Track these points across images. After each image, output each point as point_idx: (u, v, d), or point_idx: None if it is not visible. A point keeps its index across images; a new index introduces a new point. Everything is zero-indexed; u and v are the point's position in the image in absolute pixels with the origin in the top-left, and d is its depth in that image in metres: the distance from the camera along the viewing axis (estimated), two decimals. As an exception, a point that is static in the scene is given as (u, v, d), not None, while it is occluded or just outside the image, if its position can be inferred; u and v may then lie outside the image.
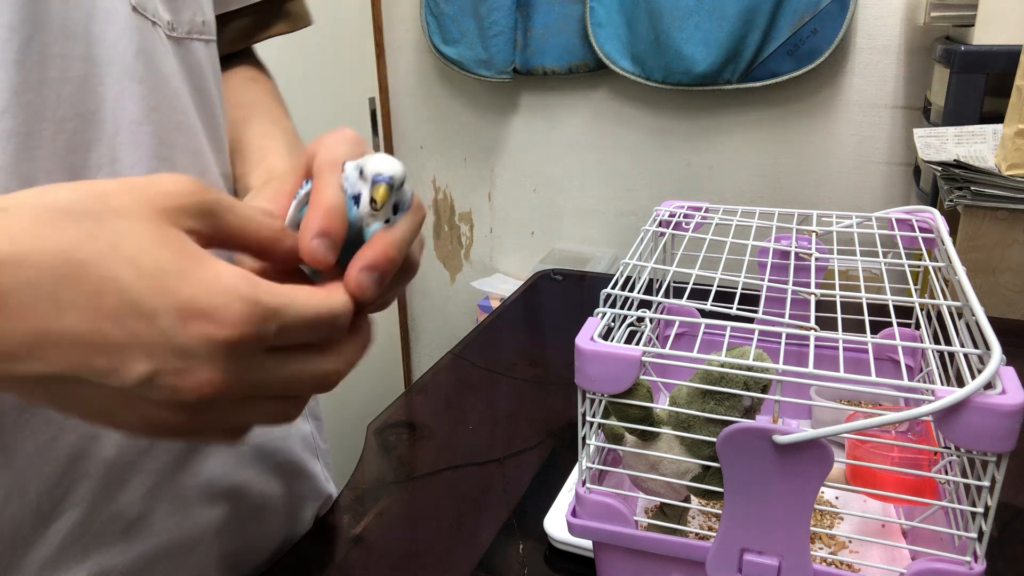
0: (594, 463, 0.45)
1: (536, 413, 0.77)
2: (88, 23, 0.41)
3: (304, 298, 0.31)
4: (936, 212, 0.56)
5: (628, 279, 0.47)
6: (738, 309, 0.44)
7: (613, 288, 0.45)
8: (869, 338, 0.41)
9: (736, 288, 0.47)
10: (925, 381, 0.52)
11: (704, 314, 0.51)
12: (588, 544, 0.52)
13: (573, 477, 0.63)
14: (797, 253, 0.56)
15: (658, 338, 0.63)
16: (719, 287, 0.46)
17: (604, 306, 0.45)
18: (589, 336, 0.42)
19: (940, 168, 1.09)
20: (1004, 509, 0.59)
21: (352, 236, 0.34)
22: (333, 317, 0.32)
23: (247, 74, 0.62)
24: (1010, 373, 0.36)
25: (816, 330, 0.42)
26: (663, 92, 1.75)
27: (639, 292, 0.47)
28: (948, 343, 0.42)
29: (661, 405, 0.43)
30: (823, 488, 0.42)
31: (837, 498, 0.55)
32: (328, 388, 0.34)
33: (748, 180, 1.77)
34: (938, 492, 0.46)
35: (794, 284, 0.49)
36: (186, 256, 0.28)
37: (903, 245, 0.55)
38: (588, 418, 0.43)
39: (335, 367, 0.33)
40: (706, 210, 0.61)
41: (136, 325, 0.27)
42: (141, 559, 0.49)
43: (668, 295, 0.57)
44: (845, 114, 1.65)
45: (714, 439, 0.39)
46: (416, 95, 2.03)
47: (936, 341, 0.47)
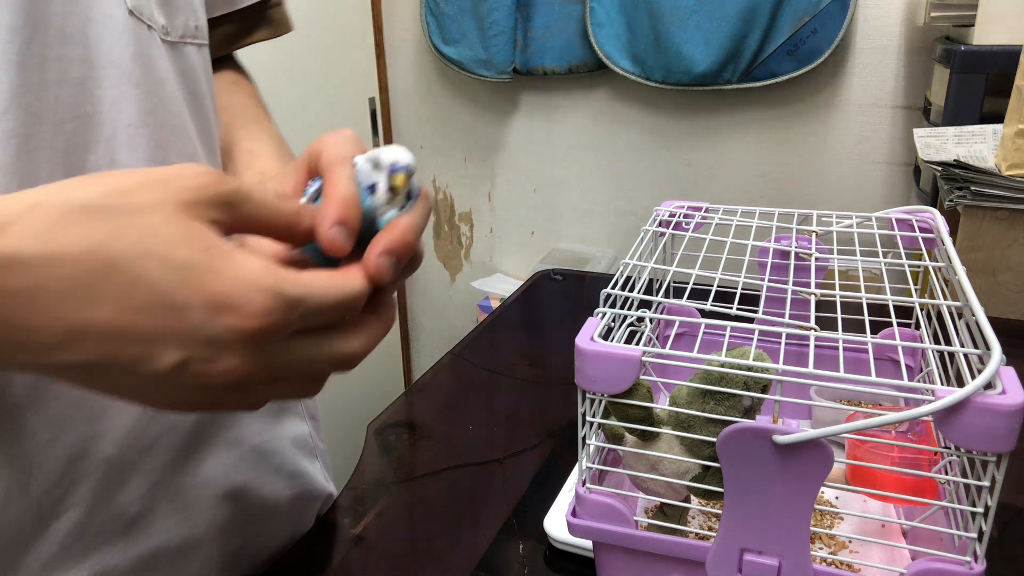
0: (594, 463, 0.45)
1: (536, 413, 0.77)
2: (86, 26, 0.41)
3: (324, 284, 0.32)
4: (936, 212, 0.56)
5: (628, 279, 0.47)
6: (738, 309, 0.44)
7: (613, 288, 0.45)
8: (869, 338, 0.41)
9: (736, 288, 0.47)
10: (925, 381, 0.52)
11: (704, 314, 0.51)
12: (588, 544, 0.52)
13: (573, 477, 0.63)
14: (797, 253, 0.56)
15: (658, 338, 0.63)
16: (719, 287, 0.46)
17: (604, 306, 0.45)
18: (589, 336, 0.42)
19: (940, 168, 1.09)
20: (1004, 509, 0.59)
21: (365, 225, 0.36)
22: (352, 300, 0.33)
23: (230, 78, 0.63)
24: (1010, 373, 0.36)
25: (816, 330, 0.42)
26: (663, 92, 1.75)
27: (639, 292, 0.47)
28: (948, 343, 0.41)
29: (661, 405, 0.43)
30: (823, 488, 0.42)
31: (837, 498, 0.55)
32: (350, 367, 0.35)
33: (748, 180, 1.77)
34: (938, 492, 0.46)
35: (794, 284, 0.49)
36: (212, 250, 0.29)
37: (903, 245, 0.55)
38: (588, 418, 0.43)
39: (357, 347, 0.35)
40: (706, 210, 0.61)
41: (167, 318, 0.29)
42: (141, 559, 0.49)
43: (668, 295, 0.57)
44: (845, 114, 1.65)
45: (714, 439, 0.39)
46: (416, 95, 2.03)
47: (936, 341, 0.47)
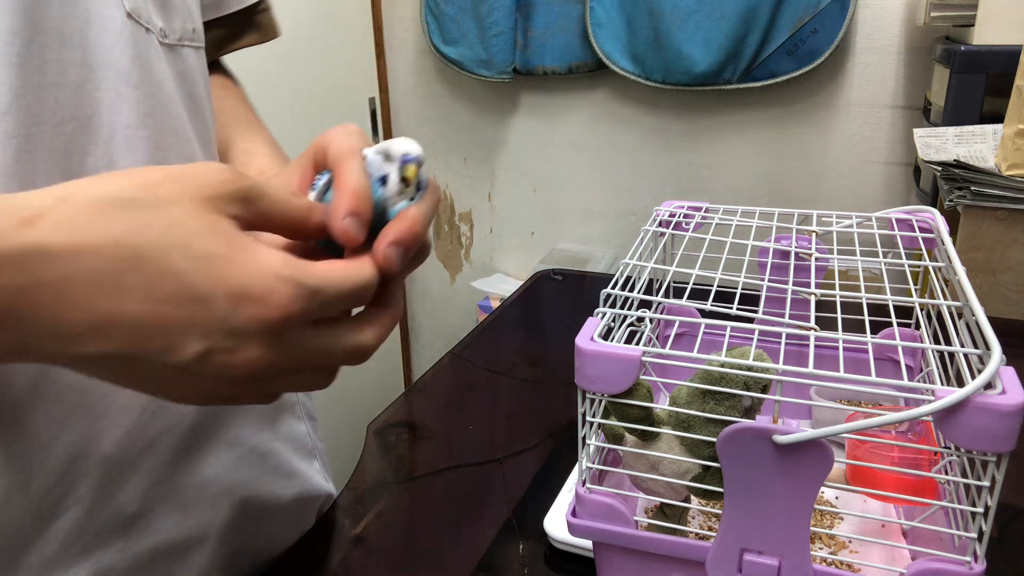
0: (594, 463, 0.45)
1: (536, 413, 0.77)
2: (84, 29, 0.41)
3: (338, 273, 0.33)
4: (936, 212, 0.56)
5: (628, 279, 0.47)
6: (738, 309, 0.44)
7: (613, 288, 0.45)
8: (869, 338, 0.41)
9: (736, 288, 0.47)
10: (925, 381, 0.52)
11: (704, 314, 0.51)
12: (588, 544, 0.52)
13: (573, 477, 0.63)
14: (797, 253, 0.56)
15: (658, 338, 0.63)
16: (719, 287, 0.45)
17: (604, 306, 0.45)
18: (589, 336, 0.42)
19: (940, 168, 1.09)
20: (1004, 509, 0.59)
21: (375, 216, 0.37)
22: (365, 288, 0.34)
23: (219, 83, 0.64)
24: (1010, 373, 0.36)
25: (816, 330, 0.42)
26: (663, 92, 1.75)
27: (639, 292, 0.47)
28: (948, 343, 0.41)
29: (661, 405, 0.43)
30: (823, 488, 0.42)
31: (837, 498, 0.55)
32: (364, 359, 0.36)
33: (748, 180, 1.77)
34: (938, 492, 0.46)
35: (794, 284, 0.49)
36: (233, 242, 0.30)
37: (903, 245, 0.55)
38: (588, 418, 0.43)
39: (370, 338, 0.36)
40: (706, 210, 0.61)
41: (192, 308, 0.29)
42: (141, 558, 0.49)
43: (668, 295, 0.57)
44: (845, 114, 1.65)
45: (714, 439, 0.39)
46: (416, 95, 2.03)
47: (936, 341, 0.47)
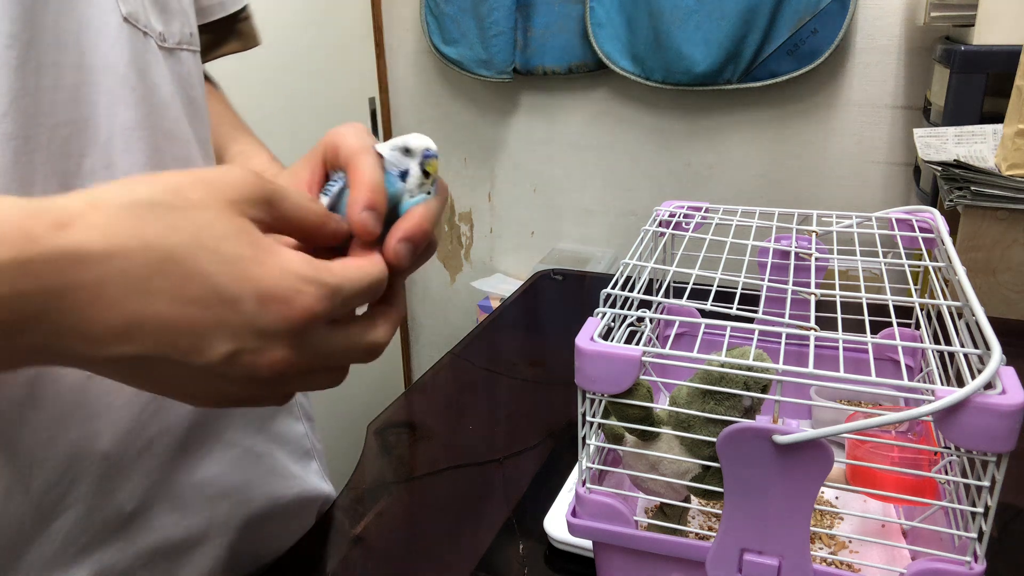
0: (594, 463, 0.45)
1: (536, 413, 0.77)
2: (81, 33, 0.42)
3: (354, 271, 0.34)
4: (936, 212, 0.56)
5: (628, 279, 0.47)
6: (738, 309, 0.44)
7: (613, 288, 0.45)
8: (869, 338, 0.41)
9: (736, 288, 0.47)
10: (925, 381, 0.52)
11: (704, 314, 0.51)
12: (588, 544, 0.52)
13: (573, 477, 0.63)
14: (797, 253, 0.56)
15: (658, 338, 0.63)
16: (719, 287, 0.45)
17: (604, 306, 0.45)
18: (589, 336, 0.42)
19: (940, 168, 1.09)
20: (1004, 509, 0.59)
21: (389, 210, 0.38)
22: (379, 283, 0.35)
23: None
24: (1010, 373, 0.36)
25: (816, 330, 0.42)
26: (663, 92, 1.75)
27: (639, 292, 0.47)
28: (948, 343, 0.41)
29: (661, 405, 0.43)
30: (823, 488, 0.42)
31: (837, 498, 0.55)
32: (376, 356, 0.37)
33: (748, 180, 1.77)
34: (938, 492, 0.46)
35: (794, 284, 0.49)
36: (258, 245, 0.31)
37: (903, 245, 0.55)
38: (588, 418, 0.43)
39: (382, 335, 0.37)
40: (706, 210, 0.61)
41: (221, 309, 0.30)
42: (140, 558, 0.49)
43: (668, 295, 0.57)
44: (845, 114, 1.65)
45: (714, 439, 0.39)
46: (416, 95, 2.03)
47: (936, 341, 0.47)
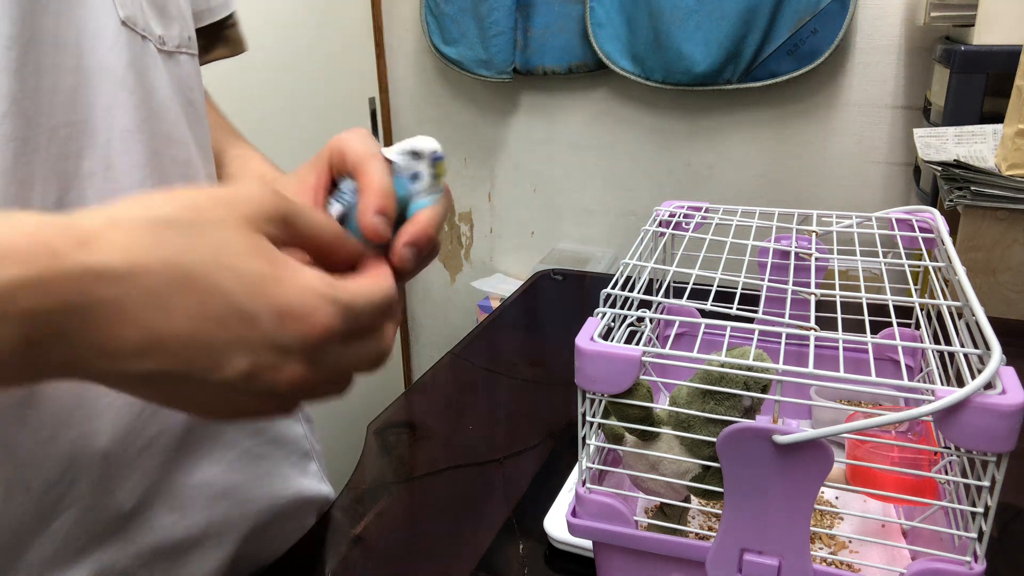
0: (594, 463, 0.45)
1: (536, 413, 0.77)
2: (79, 36, 0.42)
3: (366, 289, 0.34)
4: (936, 212, 0.56)
5: (628, 279, 0.47)
6: (738, 309, 0.44)
7: (613, 288, 0.45)
8: (869, 338, 0.41)
9: (736, 288, 0.47)
10: (925, 381, 0.52)
11: (704, 314, 0.51)
12: (588, 544, 0.52)
13: (573, 477, 0.63)
14: (797, 253, 0.56)
15: (658, 338, 0.63)
16: (719, 287, 0.45)
17: (604, 306, 0.45)
18: (589, 336, 0.42)
19: (940, 168, 1.09)
20: (1004, 509, 0.59)
21: (397, 214, 0.39)
22: (392, 300, 0.36)
23: None
24: (1010, 373, 0.36)
25: (816, 330, 0.42)
26: (663, 92, 1.75)
27: (639, 292, 0.47)
28: (948, 343, 0.41)
29: (661, 405, 0.43)
30: (823, 488, 0.42)
31: (837, 498, 0.55)
32: (380, 366, 0.37)
33: (748, 180, 1.77)
34: (938, 492, 0.46)
35: (794, 284, 0.49)
36: (275, 262, 0.31)
37: (903, 245, 0.55)
38: (588, 418, 0.43)
39: (386, 345, 0.37)
40: (706, 210, 0.61)
41: (239, 326, 0.30)
42: (140, 558, 0.49)
43: (668, 295, 0.57)
44: (845, 114, 1.65)
45: (714, 439, 0.39)
46: (416, 95, 2.03)
47: (936, 341, 0.47)
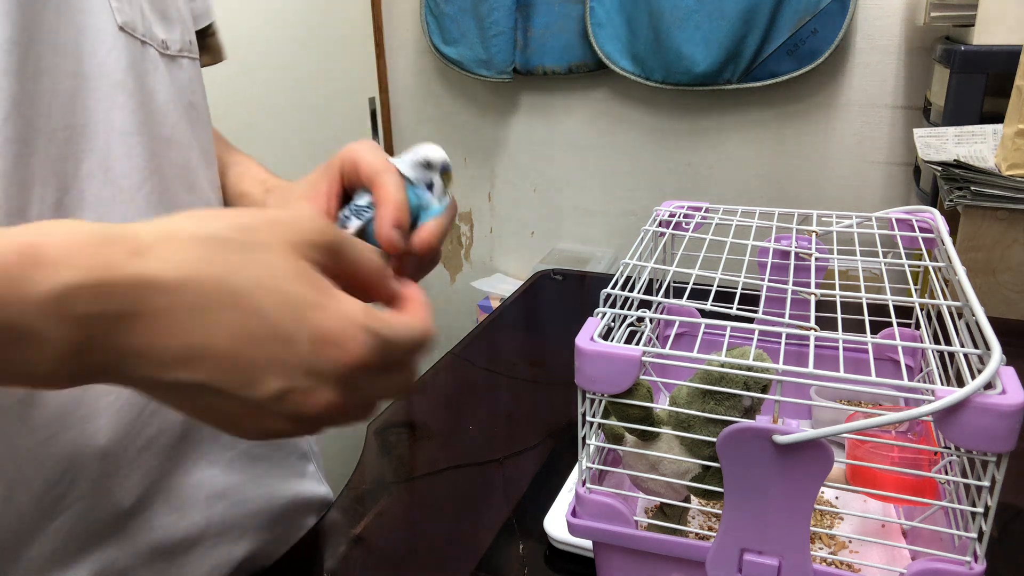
0: (594, 463, 0.45)
1: (536, 413, 0.77)
2: (78, 40, 0.42)
3: (406, 325, 0.35)
4: (936, 212, 0.56)
5: (628, 279, 0.47)
6: (738, 309, 0.44)
7: (613, 288, 0.45)
8: (869, 338, 0.41)
9: (736, 288, 0.47)
10: (925, 381, 0.52)
11: (704, 314, 0.51)
12: (588, 544, 0.52)
13: (573, 477, 0.63)
14: (797, 253, 0.56)
15: (658, 338, 0.63)
16: (719, 287, 0.45)
17: (604, 306, 0.45)
18: (589, 336, 0.42)
19: (940, 168, 1.09)
20: (1004, 509, 0.59)
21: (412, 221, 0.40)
22: (427, 338, 0.36)
23: None
24: (1010, 373, 0.36)
25: (816, 330, 0.42)
26: (663, 92, 1.75)
27: (639, 292, 0.47)
28: (948, 343, 0.41)
29: (661, 405, 0.43)
30: (823, 488, 0.42)
31: (837, 498, 0.55)
32: (404, 394, 0.38)
33: (748, 180, 1.77)
34: (938, 492, 0.46)
35: (794, 284, 0.49)
36: (319, 289, 0.32)
37: (903, 245, 0.55)
38: (588, 418, 0.43)
39: (413, 378, 0.38)
40: (706, 210, 0.61)
41: (277, 348, 0.31)
42: (139, 557, 0.49)
43: (668, 295, 0.57)
44: (845, 114, 1.65)
45: (714, 439, 0.39)
46: (416, 95, 2.03)
47: (936, 341, 0.47)
